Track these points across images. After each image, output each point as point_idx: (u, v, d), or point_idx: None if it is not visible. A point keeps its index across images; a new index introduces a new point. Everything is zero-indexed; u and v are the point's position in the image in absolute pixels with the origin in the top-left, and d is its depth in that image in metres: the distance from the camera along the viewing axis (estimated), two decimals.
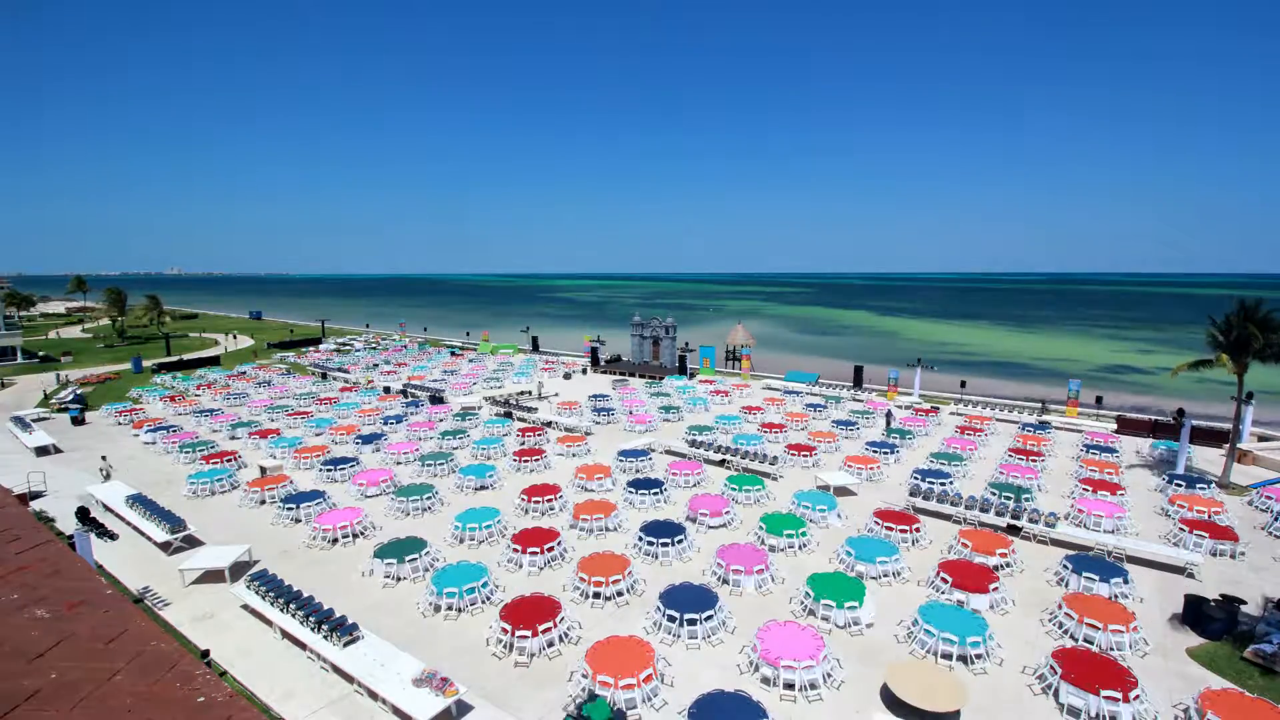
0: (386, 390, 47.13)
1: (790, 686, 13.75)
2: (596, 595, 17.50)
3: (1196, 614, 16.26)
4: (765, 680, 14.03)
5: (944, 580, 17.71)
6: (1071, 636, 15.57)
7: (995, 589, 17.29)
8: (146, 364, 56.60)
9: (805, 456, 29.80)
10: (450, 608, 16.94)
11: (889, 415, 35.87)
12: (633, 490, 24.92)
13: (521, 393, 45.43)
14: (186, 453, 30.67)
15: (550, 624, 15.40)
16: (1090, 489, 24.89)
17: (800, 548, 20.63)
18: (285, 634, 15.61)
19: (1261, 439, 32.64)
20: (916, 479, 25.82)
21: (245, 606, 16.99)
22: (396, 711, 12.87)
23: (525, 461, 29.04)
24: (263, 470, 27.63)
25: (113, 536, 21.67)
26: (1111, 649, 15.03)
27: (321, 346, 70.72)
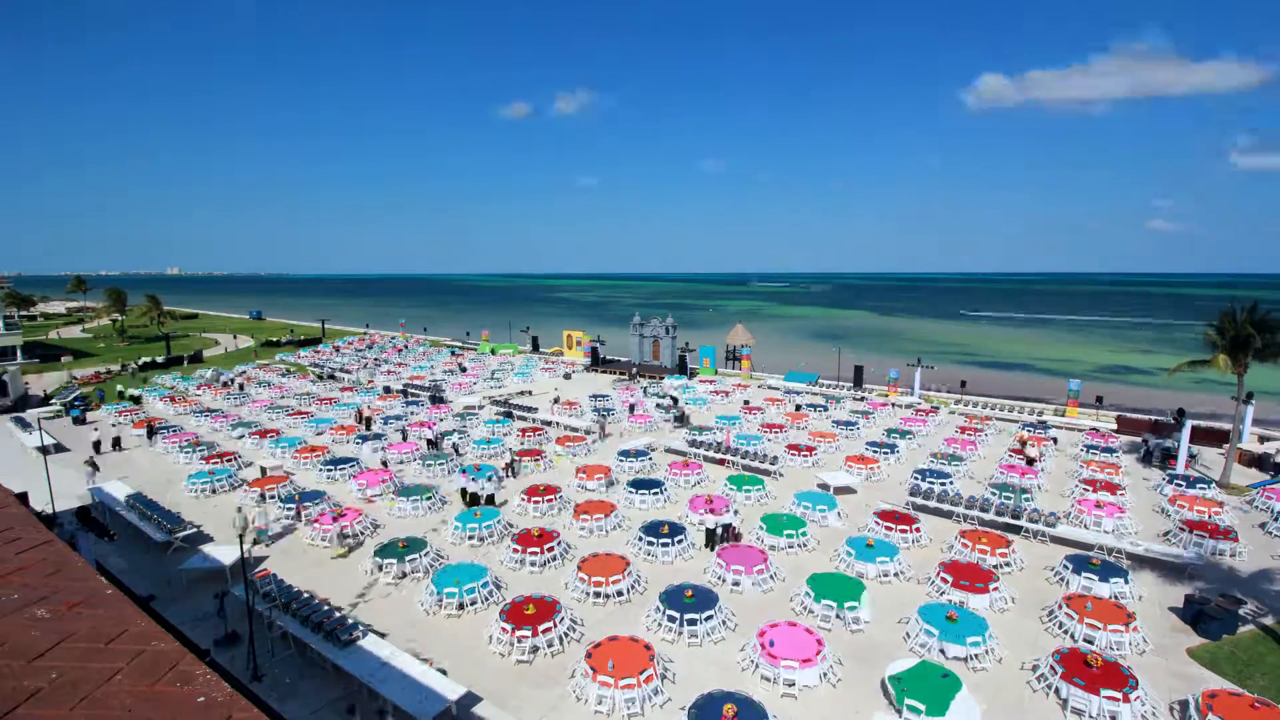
0: (387, 390, 47.13)
1: (790, 685, 13.76)
2: (597, 595, 17.53)
3: (1196, 614, 16.27)
4: (765, 679, 14.05)
5: (944, 580, 17.73)
6: (1071, 636, 15.59)
7: (995, 589, 17.31)
8: (136, 364, 57.03)
9: (805, 456, 29.80)
10: (450, 607, 16.96)
11: None
12: (633, 490, 24.92)
13: (521, 393, 45.47)
14: (187, 453, 30.69)
15: (550, 623, 15.43)
16: (1090, 489, 24.89)
17: (800, 548, 20.64)
18: (286, 634, 15.61)
19: (1261, 439, 32.61)
20: (916, 479, 25.82)
21: (247, 606, 16.96)
22: (397, 711, 12.86)
23: (525, 461, 29.03)
24: (263, 470, 27.66)
25: (112, 537, 21.68)
26: (1111, 648, 15.04)
27: (321, 347, 70.71)
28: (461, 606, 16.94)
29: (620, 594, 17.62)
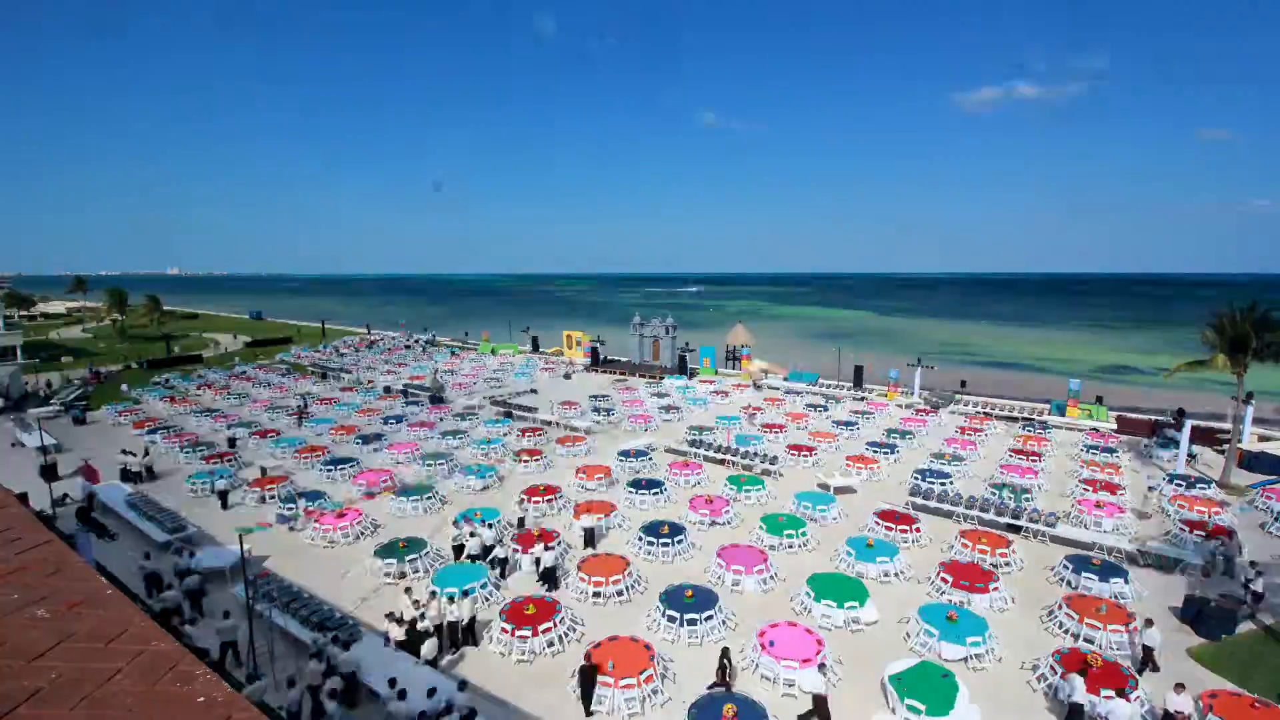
0: (387, 390, 47.13)
1: (790, 685, 13.76)
2: (597, 595, 17.53)
3: (1196, 614, 16.28)
4: (766, 679, 14.05)
5: (944, 580, 17.73)
6: (1072, 636, 15.59)
7: (995, 589, 17.31)
8: (136, 365, 57.21)
9: (805, 456, 29.80)
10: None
11: None
12: (633, 490, 24.92)
13: (520, 393, 45.47)
14: (187, 453, 30.69)
15: (550, 623, 15.43)
16: (1090, 489, 24.90)
17: (800, 547, 20.65)
18: (286, 634, 15.61)
19: (1261, 439, 32.62)
20: (916, 479, 25.83)
21: (247, 606, 16.97)
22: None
23: (525, 462, 29.06)
24: (263, 470, 27.67)
25: (112, 536, 21.68)
26: (1111, 649, 15.04)
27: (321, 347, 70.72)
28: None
29: (620, 594, 17.62)
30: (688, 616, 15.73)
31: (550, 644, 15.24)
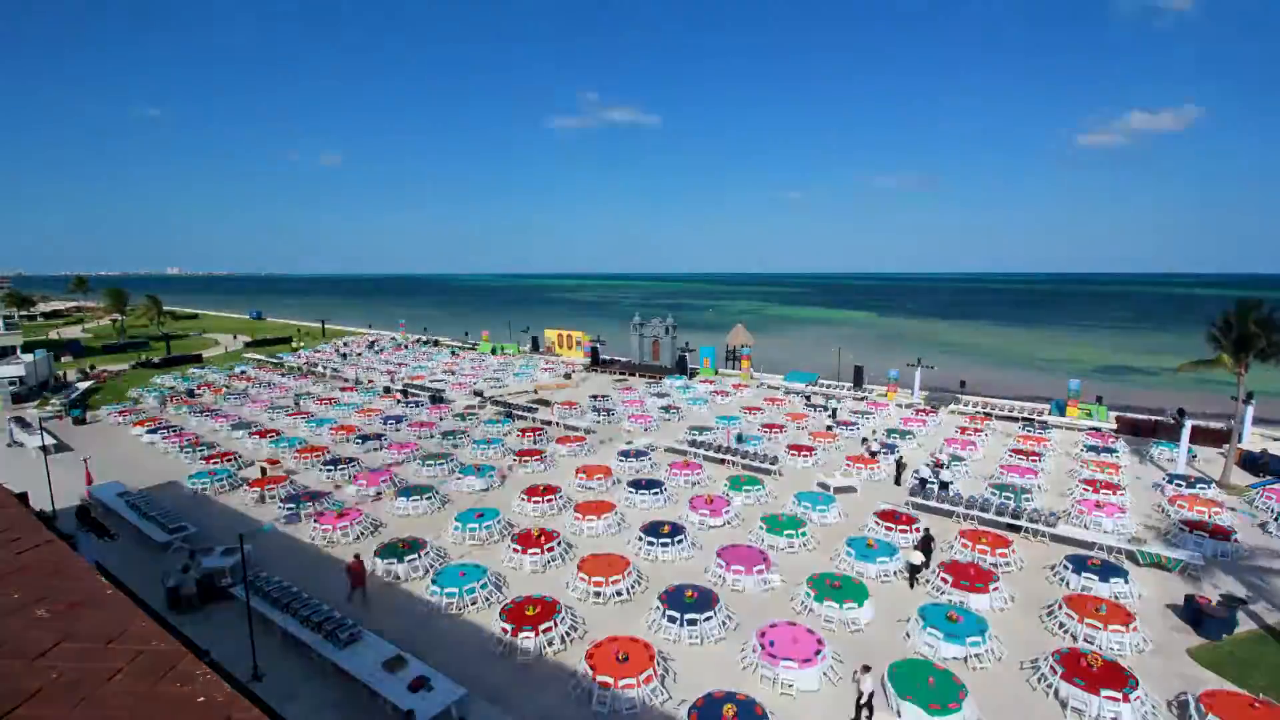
0: (386, 390, 47.12)
1: (790, 686, 13.76)
2: (597, 595, 17.53)
3: (1196, 614, 16.27)
4: (765, 679, 14.05)
5: (944, 580, 17.73)
6: (1072, 636, 15.59)
7: (995, 589, 17.31)
8: (134, 366, 57.42)
9: (805, 456, 29.79)
10: (451, 607, 16.96)
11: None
12: (633, 490, 24.91)
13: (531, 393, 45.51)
14: (187, 453, 30.69)
15: (551, 623, 15.43)
16: (1090, 489, 24.89)
17: (800, 547, 20.64)
18: (286, 634, 15.61)
19: (1262, 438, 32.58)
20: (916, 479, 25.81)
21: (246, 606, 16.96)
22: (396, 711, 12.86)
23: (525, 462, 29.06)
24: (263, 470, 27.66)
25: (112, 536, 21.68)
26: (1111, 649, 15.04)
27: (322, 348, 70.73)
28: (461, 609, 16.96)
29: (620, 594, 17.62)
30: (688, 617, 15.72)
31: (550, 643, 15.24)
